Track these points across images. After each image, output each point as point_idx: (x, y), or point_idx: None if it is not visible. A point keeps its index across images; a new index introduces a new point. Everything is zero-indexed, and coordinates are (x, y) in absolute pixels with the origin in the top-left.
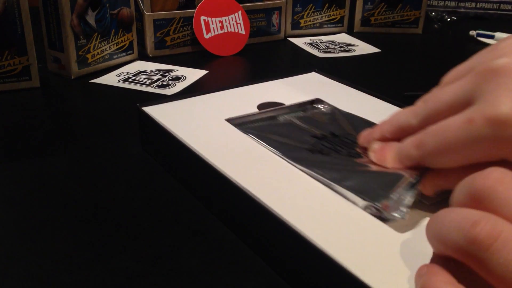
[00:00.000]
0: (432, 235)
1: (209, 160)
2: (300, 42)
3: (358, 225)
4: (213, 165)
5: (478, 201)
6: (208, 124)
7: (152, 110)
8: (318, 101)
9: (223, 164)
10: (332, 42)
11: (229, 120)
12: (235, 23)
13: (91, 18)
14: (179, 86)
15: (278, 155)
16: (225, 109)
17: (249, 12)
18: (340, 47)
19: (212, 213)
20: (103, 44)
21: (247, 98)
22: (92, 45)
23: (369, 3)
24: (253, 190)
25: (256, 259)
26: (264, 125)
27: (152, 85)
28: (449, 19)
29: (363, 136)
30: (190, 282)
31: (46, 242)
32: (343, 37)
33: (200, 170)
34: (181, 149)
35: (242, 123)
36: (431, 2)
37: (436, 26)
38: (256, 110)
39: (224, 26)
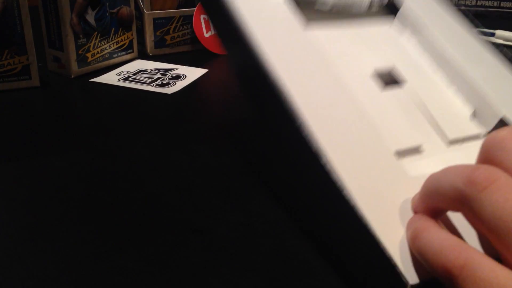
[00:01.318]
0: (430, 187)
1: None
2: None
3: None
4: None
5: (486, 156)
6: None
7: None
8: None
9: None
10: None
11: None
12: None
13: (90, 17)
14: (179, 85)
15: None
16: None
17: None
18: None
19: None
20: (103, 43)
21: None
22: (92, 44)
23: None
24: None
25: (257, 259)
26: None
27: (152, 84)
28: None
29: None
30: (190, 281)
31: (46, 242)
32: None
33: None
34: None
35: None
36: None
37: None
38: None
39: None
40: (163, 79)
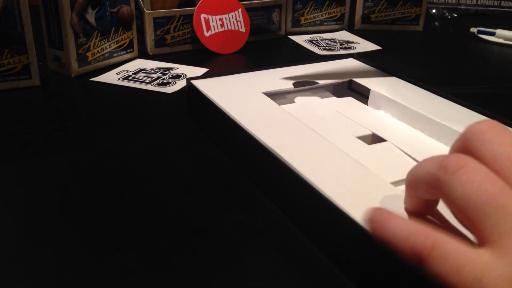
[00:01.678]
0: (411, 177)
1: (245, 127)
2: (300, 39)
3: (388, 196)
4: (249, 131)
5: (464, 144)
6: (247, 96)
7: (199, 84)
8: (352, 82)
9: (258, 130)
10: (333, 39)
11: (266, 93)
12: (235, 21)
13: (91, 16)
14: (180, 84)
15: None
16: (263, 84)
17: (249, 10)
18: (341, 44)
19: (250, 178)
20: (103, 42)
21: (284, 77)
22: (92, 43)
23: (369, 1)
24: (282, 153)
25: (257, 258)
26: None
27: (152, 83)
28: (449, 16)
29: None
30: (191, 281)
31: (46, 241)
32: (344, 35)
33: (238, 136)
34: (223, 117)
35: (277, 97)
36: None
37: (436, 23)
38: (292, 87)
39: (224, 24)
40: (163, 78)
